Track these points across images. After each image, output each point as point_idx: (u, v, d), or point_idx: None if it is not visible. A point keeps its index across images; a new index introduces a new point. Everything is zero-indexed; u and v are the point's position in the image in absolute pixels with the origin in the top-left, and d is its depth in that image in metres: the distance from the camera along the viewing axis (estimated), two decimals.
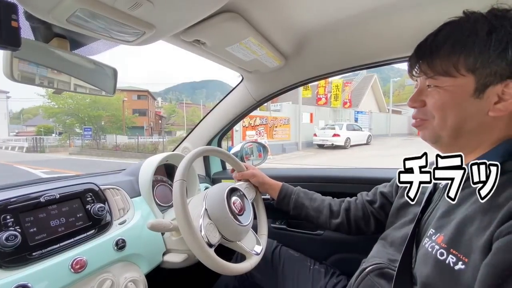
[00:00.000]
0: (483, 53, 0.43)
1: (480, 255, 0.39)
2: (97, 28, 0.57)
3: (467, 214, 0.44)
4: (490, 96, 0.44)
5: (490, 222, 0.39)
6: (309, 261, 0.92)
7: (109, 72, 0.76)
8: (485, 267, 0.37)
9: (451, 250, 0.43)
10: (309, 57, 0.96)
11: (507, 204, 0.39)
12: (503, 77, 0.43)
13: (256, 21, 0.72)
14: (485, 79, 0.44)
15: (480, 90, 0.45)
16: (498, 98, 0.44)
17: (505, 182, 0.41)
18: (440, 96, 0.49)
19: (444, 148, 0.53)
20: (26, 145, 19.10)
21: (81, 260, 0.62)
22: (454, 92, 0.47)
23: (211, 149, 0.92)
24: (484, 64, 0.43)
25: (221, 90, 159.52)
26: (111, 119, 21.95)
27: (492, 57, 0.42)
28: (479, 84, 0.44)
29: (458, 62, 0.45)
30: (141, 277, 0.74)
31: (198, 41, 0.76)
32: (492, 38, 0.42)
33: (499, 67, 0.42)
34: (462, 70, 0.45)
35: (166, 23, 0.60)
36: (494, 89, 0.44)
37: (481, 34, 0.43)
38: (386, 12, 0.73)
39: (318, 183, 1.13)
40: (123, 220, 0.77)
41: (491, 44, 0.42)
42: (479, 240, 0.39)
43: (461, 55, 0.45)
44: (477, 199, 0.43)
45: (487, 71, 0.43)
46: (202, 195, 0.79)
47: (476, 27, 0.44)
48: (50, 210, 0.65)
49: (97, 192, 0.75)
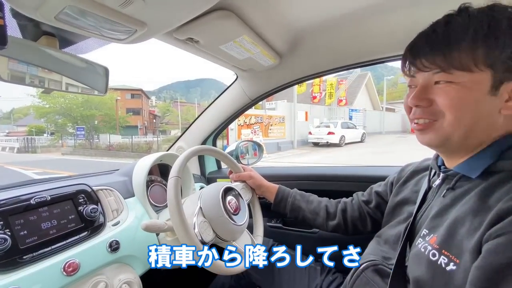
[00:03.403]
0: (506, 47, 0.40)
1: (470, 256, 0.39)
2: (87, 26, 0.55)
3: (458, 215, 0.44)
4: (503, 93, 0.42)
5: (480, 223, 0.39)
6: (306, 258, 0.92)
7: (101, 71, 0.74)
8: (475, 270, 0.37)
9: (443, 251, 0.43)
10: (303, 55, 0.96)
11: (497, 206, 0.38)
12: None
13: (250, 19, 0.71)
14: (502, 75, 0.41)
15: (496, 87, 0.42)
16: (508, 95, 0.42)
17: (496, 183, 0.42)
18: (456, 93, 0.44)
19: (449, 151, 0.51)
20: (17, 146, 18.67)
21: (73, 263, 0.61)
22: (471, 88, 0.43)
23: (207, 149, 0.91)
24: (504, 59, 0.40)
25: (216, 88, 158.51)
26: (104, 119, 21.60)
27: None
28: (495, 80, 0.42)
29: (478, 55, 0.41)
30: (135, 278, 0.73)
31: (191, 39, 0.75)
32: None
33: None
34: (480, 64, 0.42)
35: (158, 21, 0.59)
36: (507, 86, 0.42)
37: (504, 26, 0.40)
38: (380, 11, 0.73)
39: (313, 181, 1.13)
40: (116, 221, 0.76)
41: None
42: (470, 242, 0.39)
43: (482, 48, 0.41)
44: (469, 200, 0.44)
45: (504, 66, 0.41)
46: (197, 195, 0.78)
47: (496, 18, 0.41)
48: (41, 213, 0.63)
49: (89, 193, 0.74)
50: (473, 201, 0.43)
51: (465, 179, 0.47)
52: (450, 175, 0.51)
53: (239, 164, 0.96)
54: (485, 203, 0.41)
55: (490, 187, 0.41)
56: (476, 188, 0.44)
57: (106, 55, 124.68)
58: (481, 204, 0.41)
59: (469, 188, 0.45)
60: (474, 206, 0.42)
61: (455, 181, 0.49)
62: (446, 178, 0.52)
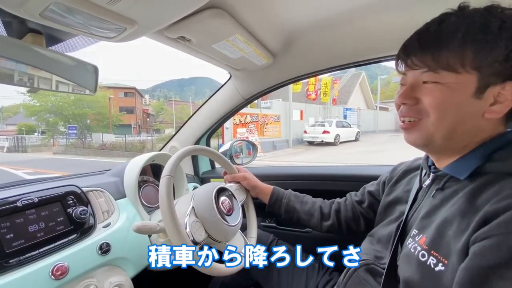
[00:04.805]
0: (493, 50, 0.40)
1: (458, 258, 0.39)
2: (75, 24, 0.54)
3: (447, 215, 0.44)
4: (488, 97, 0.42)
5: (468, 225, 0.39)
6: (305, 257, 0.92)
7: (90, 69, 0.73)
8: (461, 271, 0.37)
9: (432, 252, 0.43)
10: (297, 55, 0.96)
11: (483, 208, 0.38)
12: (504, 78, 0.41)
13: (243, 18, 0.71)
14: (488, 79, 0.41)
15: (481, 90, 0.42)
16: (493, 99, 0.42)
17: (484, 184, 0.42)
18: (441, 94, 0.44)
19: (435, 152, 0.52)
20: (6, 145, 18.32)
21: (62, 266, 0.59)
22: (456, 89, 0.43)
23: (201, 149, 0.89)
24: (491, 63, 0.40)
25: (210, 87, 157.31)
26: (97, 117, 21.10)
27: (500, 56, 0.40)
28: (481, 83, 0.41)
29: (466, 57, 0.41)
30: (127, 281, 0.72)
31: (183, 38, 0.74)
32: (503, 35, 0.39)
33: (504, 67, 0.40)
34: (467, 66, 0.42)
35: (148, 19, 0.58)
36: (492, 90, 0.41)
37: (493, 29, 0.40)
38: (374, 11, 0.73)
39: (307, 181, 1.14)
40: (107, 223, 0.74)
41: (503, 42, 0.39)
42: (457, 243, 0.40)
43: (471, 50, 0.41)
44: (457, 201, 0.44)
45: (491, 70, 0.41)
46: (190, 195, 0.77)
47: (488, 19, 0.40)
48: (28, 215, 0.62)
49: (79, 195, 0.72)
50: (461, 202, 0.43)
51: (454, 180, 0.47)
52: (439, 176, 0.51)
53: (234, 165, 0.95)
54: (472, 204, 0.41)
55: (478, 188, 0.41)
56: (464, 189, 0.44)
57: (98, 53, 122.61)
58: (468, 205, 0.41)
59: (457, 189, 0.46)
60: (462, 207, 0.42)
61: (444, 182, 0.49)
62: (436, 178, 0.53)
